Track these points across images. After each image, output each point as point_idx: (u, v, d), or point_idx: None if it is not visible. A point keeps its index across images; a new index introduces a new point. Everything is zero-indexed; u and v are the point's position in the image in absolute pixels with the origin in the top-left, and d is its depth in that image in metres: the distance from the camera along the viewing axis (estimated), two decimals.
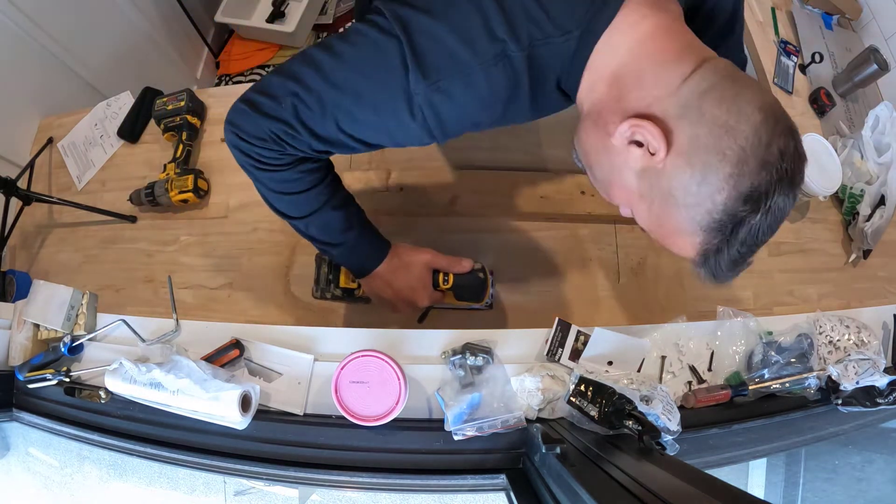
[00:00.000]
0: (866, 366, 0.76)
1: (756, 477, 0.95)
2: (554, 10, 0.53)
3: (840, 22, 1.57)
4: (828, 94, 1.31)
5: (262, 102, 0.61)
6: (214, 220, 1.16)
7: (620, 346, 0.80)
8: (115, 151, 1.25)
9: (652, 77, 0.51)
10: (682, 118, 0.49)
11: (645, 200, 0.54)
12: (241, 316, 1.08)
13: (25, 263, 1.20)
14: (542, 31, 0.53)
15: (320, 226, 0.77)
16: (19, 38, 1.35)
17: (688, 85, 0.50)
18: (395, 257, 0.84)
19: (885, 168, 1.13)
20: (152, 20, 1.86)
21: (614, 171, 0.56)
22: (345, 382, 0.73)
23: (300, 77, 0.59)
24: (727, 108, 0.47)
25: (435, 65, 0.54)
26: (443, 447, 0.74)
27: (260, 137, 0.63)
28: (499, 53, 0.53)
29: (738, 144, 0.47)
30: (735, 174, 0.47)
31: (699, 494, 0.46)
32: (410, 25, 0.54)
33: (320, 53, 0.59)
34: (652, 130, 0.49)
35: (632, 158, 0.53)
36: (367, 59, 0.57)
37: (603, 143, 0.55)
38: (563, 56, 0.55)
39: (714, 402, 0.78)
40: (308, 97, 0.59)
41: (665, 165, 0.50)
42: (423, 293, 0.85)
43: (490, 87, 0.55)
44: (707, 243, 0.52)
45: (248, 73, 2.38)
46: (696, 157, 0.48)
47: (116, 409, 0.81)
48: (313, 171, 0.71)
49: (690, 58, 0.51)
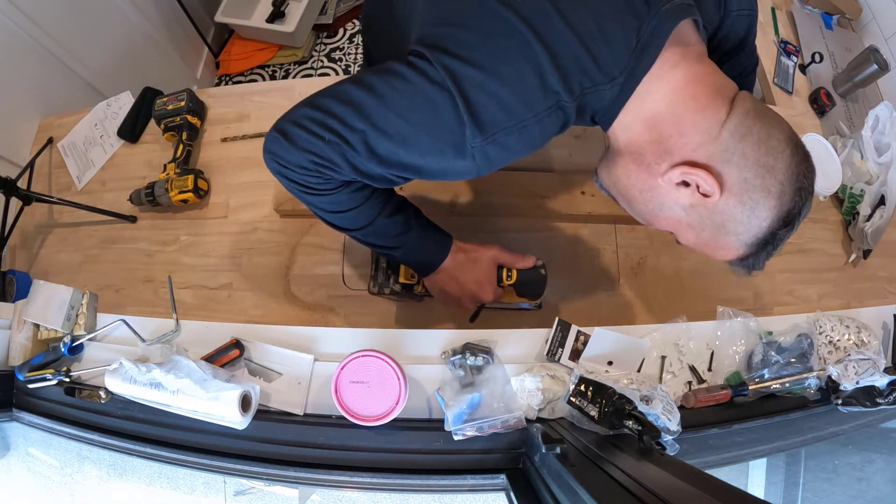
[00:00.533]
0: (866, 366, 0.76)
1: (756, 477, 0.95)
2: (602, 58, 0.55)
3: (840, 22, 1.57)
4: (828, 94, 1.31)
5: (299, 136, 0.60)
6: (214, 220, 1.16)
7: (620, 346, 0.80)
8: (115, 151, 1.25)
9: (691, 124, 0.56)
10: (727, 162, 0.55)
11: (693, 229, 0.61)
12: (241, 316, 1.08)
13: (25, 263, 1.20)
14: (592, 79, 0.55)
15: (379, 233, 0.77)
16: (19, 39, 1.36)
17: (727, 130, 0.55)
18: (460, 252, 0.83)
19: (885, 168, 1.13)
20: (152, 20, 1.86)
21: (663, 206, 0.61)
22: (345, 382, 0.73)
23: (341, 116, 0.58)
24: (765, 150, 0.55)
25: (491, 120, 0.55)
26: (443, 447, 0.74)
27: (302, 167, 0.62)
28: (552, 105, 0.56)
29: (778, 180, 0.55)
30: (777, 205, 0.55)
31: (699, 494, 0.46)
32: (463, 80, 0.54)
33: (360, 92, 0.58)
34: (706, 178, 0.55)
35: (681, 196, 0.59)
36: (415, 109, 0.57)
37: (648, 182, 0.60)
38: (606, 100, 0.58)
39: (714, 402, 0.78)
40: (352, 137, 0.58)
41: (717, 204, 0.57)
42: (488, 288, 0.85)
43: (542, 134, 0.58)
44: (747, 254, 0.60)
45: (248, 73, 2.38)
46: (746, 196, 0.56)
47: (116, 409, 0.81)
48: (362, 189, 0.71)
49: (722, 102, 0.56)
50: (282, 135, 0.62)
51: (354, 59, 2.40)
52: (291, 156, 0.62)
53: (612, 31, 0.55)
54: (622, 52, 0.55)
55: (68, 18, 1.49)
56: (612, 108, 0.59)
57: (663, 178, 0.58)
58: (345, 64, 2.40)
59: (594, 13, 0.54)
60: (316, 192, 0.67)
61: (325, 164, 0.61)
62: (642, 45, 0.55)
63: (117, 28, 1.71)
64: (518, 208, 1.11)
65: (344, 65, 2.40)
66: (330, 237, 1.12)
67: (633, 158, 0.61)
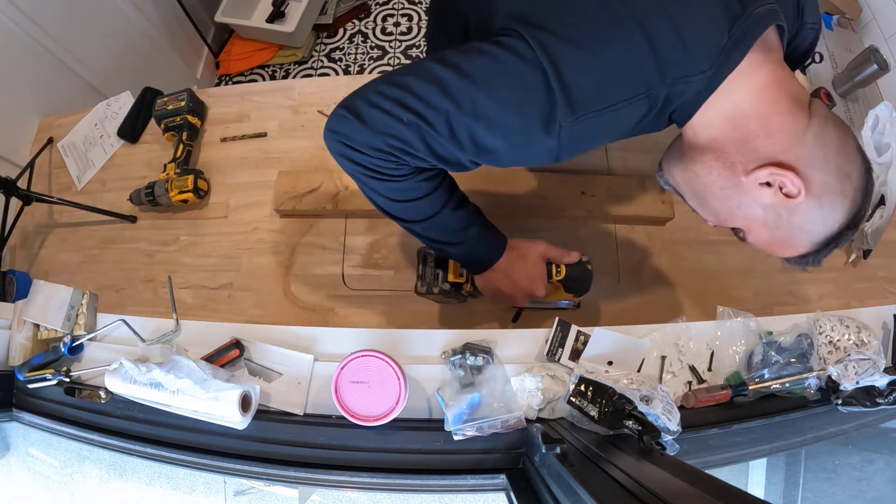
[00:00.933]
0: (866, 366, 0.76)
1: (756, 477, 0.94)
2: (694, 50, 0.55)
3: (840, 22, 1.57)
4: (828, 94, 1.31)
5: (373, 116, 0.59)
6: (214, 220, 1.16)
7: (620, 346, 0.80)
8: (115, 151, 1.25)
9: (778, 126, 0.58)
10: (811, 166, 0.57)
11: (768, 227, 0.62)
12: (241, 316, 1.08)
13: (25, 263, 1.20)
14: (683, 70, 0.56)
15: (440, 227, 0.75)
16: (19, 39, 1.36)
17: (810, 134, 0.58)
18: (512, 249, 0.83)
19: (884, 168, 1.13)
20: (152, 20, 1.86)
21: (741, 205, 0.62)
22: (345, 382, 0.73)
23: (423, 95, 0.57)
24: (844, 157, 0.58)
25: (583, 99, 0.55)
26: (443, 447, 0.74)
27: (375, 148, 0.60)
28: (643, 92, 0.56)
29: (853, 186, 0.58)
30: (851, 208, 0.58)
31: (699, 494, 0.46)
32: (559, 58, 0.54)
33: (445, 71, 0.57)
34: (794, 180, 0.57)
35: (762, 195, 0.60)
36: (504, 87, 0.56)
37: (731, 180, 0.61)
38: (691, 93, 0.58)
39: (714, 402, 0.77)
40: (435, 118, 0.57)
41: (799, 205, 0.58)
42: (540, 283, 0.84)
43: (629, 118, 0.58)
44: (811, 251, 0.62)
45: (248, 73, 2.38)
46: (826, 199, 0.58)
47: (116, 409, 0.81)
48: (432, 178, 0.69)
49: (801, 107, 0.59)
50: (353, 114, 0.59)
51: (354, 58, 2.41)
52: (363, 136, 0.60)
53: (705, 26, 0.55)
54: (713, 47, 0.55)
55: (68, 18, 1.49)
56: (693, 102, 0.59)
57: (748, 177, 0.59)
58: (345, 64, 2.40)
59: (691, 6, 0.55)
60: (383, 178, 0.65)
61: (402, 147, 0.59)
62: (733, 43, 0.55)
63: (117, 28, 1.71)
64: (518, 208, 1.11)
65: (344, 65, 2.40)
66: (330, 237, 1.12)
67: (715, 156, 0.61)
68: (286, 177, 1.13)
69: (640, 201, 1.09)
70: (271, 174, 1.15)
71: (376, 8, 2.50)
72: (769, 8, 0.57)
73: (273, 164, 1.18)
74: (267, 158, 1.20)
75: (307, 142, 1.20)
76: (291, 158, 1.19)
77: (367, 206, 0.82)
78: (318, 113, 1.23)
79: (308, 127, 1.22)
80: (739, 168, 0.60)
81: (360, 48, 2.42)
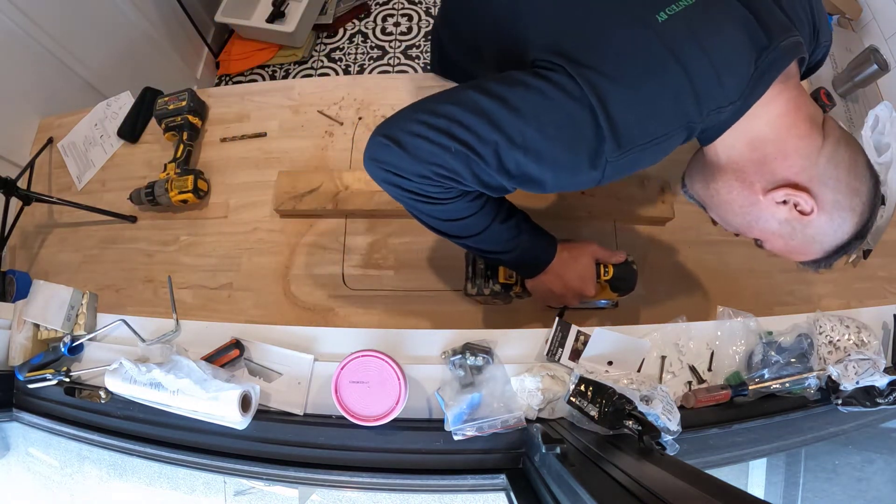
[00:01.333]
0: (866, 366, 0.76)
1: (756, 477, 0.94)
2: (727, 83, 0.58)
3: (840, 22, 1.57)
4: (828, 94, 1.31)
5: (420, 147, 0.60)
6: (214, 220, 1.16)
7: (620, 346, 0.80)
8: (115, 151, 1.25)
9: (794, 149, 0.62)
10: (824, 185, 0.62)
11: (783, 238, 0.67)
12: (241, 316, 1.08)
13: (25, 263, 1.20)
14: (717, 102, 0.59)
15: (491, 240, 0.77)
16: (19, 39, 1.36)
17: (823, 156, 0.62)
18: (563, 251, 0.84)
19: (884, 168, 1.12)
20: (152, 20, 1.86)
21: (759, 220, 0.67)
22: (345, 382, 0.73)
23: (470, 126, 0.58)
24: (855, 175, 0.62)
25: (629, 136, 0.58)
26: (443, 447, 0.74)
27: (422, 176, 0.62)
28: (683, 125, 0.59)
29: (862, 201, 0.62)
30: (859, 222, 0.63)
31: (699, 494, 0.46)
32: (607, 97, 0.56)
33: (490, 103, 0.58)
34: (807, 200, 0.62)
35: (778, 212, 0.64)
36: (554, 123, 0.58)
37: (749, 199, 0.66)
38: (720, 121, 0.62)
39: (714, 402, 0.77)
40: (484, 150, 0.58)
41: (812, 221, 0.63)
42: (591, 284, 0.86)
43: (669, 147, 0.62)
44: (823, 257, 0.67)
45: (248, 73, 2.38)
46: (837, 214, 0.63)
47: (116, 409, 0.81)
48: (478, 197, 0.71)
49: (817, 130, 0.63)
50: (395, 143, 0.61)
51: (354, 58, 2.41)
52: (409, 164, 0.61)
53: (736, 59, 0.58)
54: (741, 79, 0.58)
55: (68, 18, 1.49)
56: (720, 128, 0.63)
57: (766, 197, 0.64)
58: (345, 64, 2.40)
59: (725, 41, 0.58)
60: (431, 202, 0.67)
61: (448, 175, 0.61)
62: (759, 74, 0.58)
63: (117, 28, 1.71)
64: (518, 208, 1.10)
65: (344, 65, 2.40)
66: (330, 237, 1.12)
67: (735, 176, 0.66)
68: (286, 177, 1.13)
69: (640, 201, 1.09)
70: (271, 174, 1.15)
71: (376, 8, 2.51)
72: (794, 41, 0.60)
73: (273, 164, 1.18)
74: (267, 158, 1.20)
75: (307, 142, 1.20)
76: (291, 158, 1.19)
77: (367, 206, 0.82)
78: (318, 113, 1.23)
79: (308, 127, 1.22)
80: (758, 188, 0.64)
81: (360, 48, 2.42)
